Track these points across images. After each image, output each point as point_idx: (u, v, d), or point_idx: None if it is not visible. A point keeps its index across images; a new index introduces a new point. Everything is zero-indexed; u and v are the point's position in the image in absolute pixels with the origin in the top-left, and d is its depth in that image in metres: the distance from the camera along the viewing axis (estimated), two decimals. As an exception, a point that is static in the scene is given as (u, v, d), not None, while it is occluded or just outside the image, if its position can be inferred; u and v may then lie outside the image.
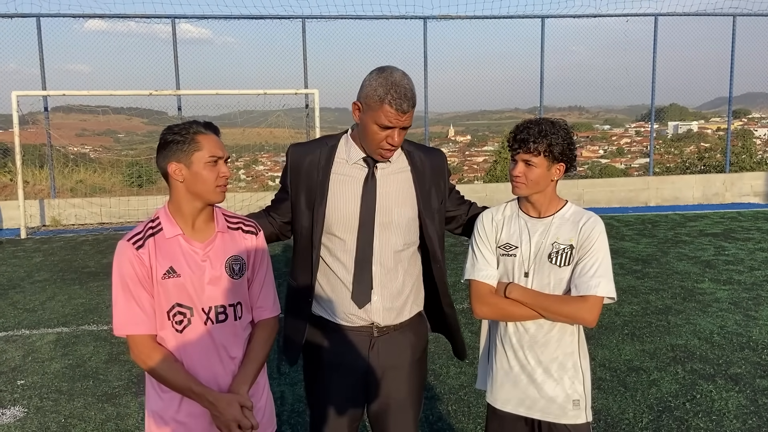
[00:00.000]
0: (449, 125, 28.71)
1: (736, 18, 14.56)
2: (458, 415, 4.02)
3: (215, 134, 2.02)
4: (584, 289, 2.09)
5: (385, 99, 2.06)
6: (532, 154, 2.11)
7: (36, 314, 6.53)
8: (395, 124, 2.10)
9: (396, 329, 2.29)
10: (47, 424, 4.04)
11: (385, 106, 2.07)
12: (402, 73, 2.12)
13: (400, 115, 2.08)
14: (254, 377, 2.06)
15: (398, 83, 2.08)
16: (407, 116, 2.11)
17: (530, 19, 14.41)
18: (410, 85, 2.12)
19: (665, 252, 8.94)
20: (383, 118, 2.08)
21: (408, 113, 2.10)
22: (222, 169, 2.00)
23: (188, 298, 1.97)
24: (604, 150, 26.90)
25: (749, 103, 25.49)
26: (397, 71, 2.12)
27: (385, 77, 2.09)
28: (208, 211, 2.04)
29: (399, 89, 2.07)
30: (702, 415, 3.93)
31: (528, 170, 2.14)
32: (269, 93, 12.57)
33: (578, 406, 2.19)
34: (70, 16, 12.91)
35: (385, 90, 2.06)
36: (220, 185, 2.00)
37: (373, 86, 2.09)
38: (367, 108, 2.12)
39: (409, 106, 2.09)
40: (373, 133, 2.13)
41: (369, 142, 2.17)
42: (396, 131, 2.12)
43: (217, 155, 1.98)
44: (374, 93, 2.08)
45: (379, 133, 2.12)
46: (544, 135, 2.10)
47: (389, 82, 2.07)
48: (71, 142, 15.14)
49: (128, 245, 1.96)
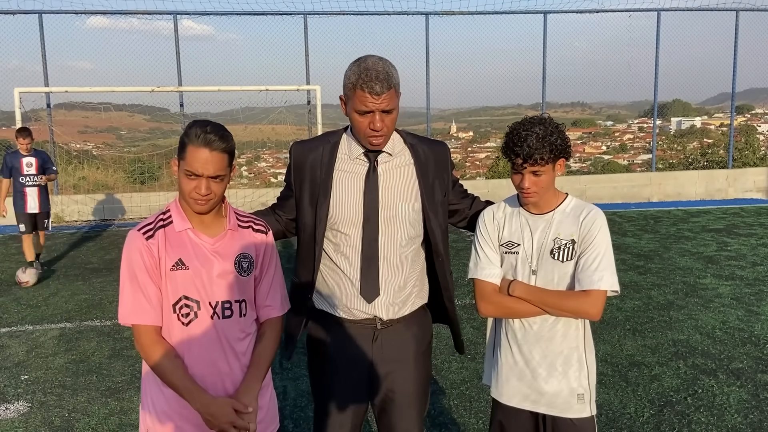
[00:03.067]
0: (451, 121, 28.67)
1: (739, 13, 14.50)
2: (460, 409, 4.03)
3: (209, 149, 1.89)
4: (587, 284, 2.10)
5: (357, 84, 2.07)
6: (540, 165, 2.08)
7: (39, 310, 6.55)
8: (371, 108, 2.09)
9: (399, 322, 2.29)
10: (51, 418, 4.07)
11: (358, 92, 2.07)
12: (377, 59, 2.12)
13: (374, 97, 2.06)
14: (261, 381, 2.07)
15: (369, 67, 2.07)
16: (383, 98, 2.07)
17: (532, 14, 14.38)
18: (384, 67, 2.09)
19: (668, 247, 8.93)
20: (359, 103, 2.09)
21: (383, 95, 2.07)
22: (199, 186, 1.91)
23: (195, 291, 1.98)
24: (607, 146, 26.81)
25: (752, 99, 25.39)
26: (371, 57, 2.12)
27: (358, 64, 2.10)
28: (216, 208, 2.03)
29: (370, 72, 2.06)
30: (703, 410, 3.94)
31: (537, 180, 2.12)
32: (271, 89, 12.58)
33: (583, 400, 2.20)
34: (72, 12, 12.90)
35: (357, 76, 2.07)
36: (195, 198, 1.93)
37: (348, 75, 2.12)
38: (347, 98, 2.14)
39: (383, 87, 2.06)
40: (357, 122, 2.14)
41: (357, 133, 2.18)
42: (376, 115, 2.10)
43: (194, 172, 1.90)
44: (348, 81, 2.11)
45: (361, 120, 2.12)
46: (543, 141, 2.06)
47: (361, 68, 2.08)
48: (74, 139, 15.18)
49: (138, 235, 1.97)
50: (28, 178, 8.05)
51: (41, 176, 8.11)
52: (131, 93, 13.22)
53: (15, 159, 8.02)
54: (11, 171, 8.01)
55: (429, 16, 13.92)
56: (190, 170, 1.90)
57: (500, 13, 14.32)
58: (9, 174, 8.03)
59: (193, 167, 1.90)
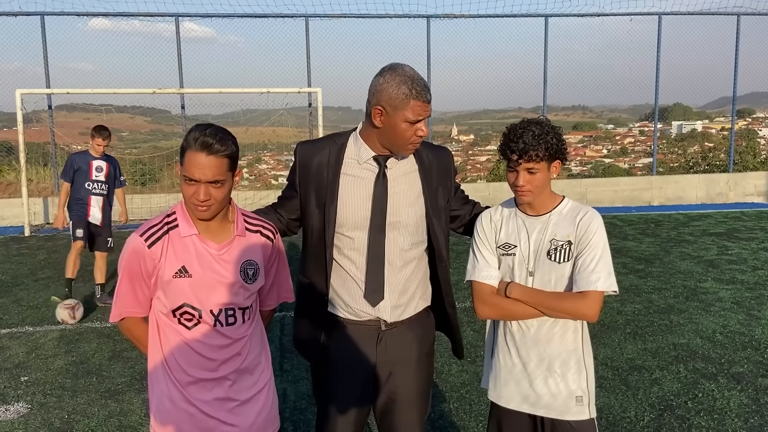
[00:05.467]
0: (452, 124, 28.69)
1: (740, 17, 14.51)
2: (460, 413, 4.03)
3: (207, 153, 1.85)
4: (584, 285, 2.10)
5: (411, 95, 2.11)
6: (534, 162, 2.11)
7: (40, 311, 6.55)
8: (424, 116, 2.17)
9: (403, 324, 2.30)
10: (51, 420, 4.06)
11: (412, 102, 2.12)
12: (410, 67, 2.19)
13: (426, 105, 2.15)
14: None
15: (416, 77, 2.15)
16: (430, 105, 2.19)
17: (533, 18, 14.40)
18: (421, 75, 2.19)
19: (668, 251, 8.93)
20: (412, 113, 2.13)
21: (430, 102, 2.19)
22: (198, 192, 1.88)
23: (197, 300, 1.97)
24: (608, 149, 26.83)
25: (753, 103, 25.41)
26: (406, 66, 2.18)
27: (401, 75, 2.13)
28: (221, 213, 2.00)
29: (420, 81, 2.15)
30: (704, 414, 3.93)
31: (532, 178, 2.13)
32: (272, 92, 12.58)
33: (581, 402, 2.19)
34: (74, 14, 12.94)
35: (409, 87, 2.11)
36: (195, 204, 1.91)
37: (394, 86, 2.12)
38: (394, 109, 2.13)
39: (430, 95, 2.18)
40: (404, 131, 2.16)
41: (399, 140, 2.19)
42: (424, 122, 2.19)
43: (192, 177, 1.87)
44: (398, 92, 2.11)
45: (409, 129, 2.16)
46: (539, 138, 2.09)
47: (408, 77, 2.13)
48: (75, 141, 15.17)
49: (140, 241, 1.95)
50: (96, 186, 6.68)
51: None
52: (132, 95, 13.22)
53: (83, 160, 6.66)
54: (75, 174, 6.65)
55: (430, 19, 13.94)
56: (187, 175, 1.87)
57: (501, 17, 14.34)
58: (72, 177, 6.64)
59: (191, 172, 1.86)
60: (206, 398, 2.02)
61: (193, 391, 2.01)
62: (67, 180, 6.66)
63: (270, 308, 2.28)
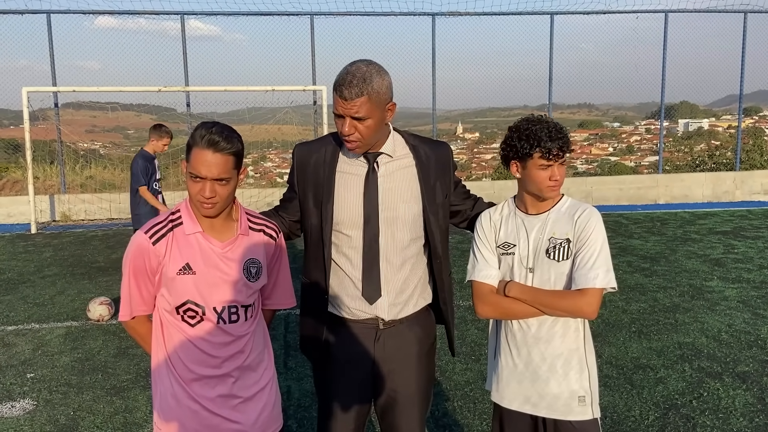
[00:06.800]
0: (457, 122, 28.69)
1: (747, 15, 14.43)
2: (464, 411, 4.03)
3: (213, 151, 1.87)
4: (582, 282, 2.09)
5: (334, 86, 2.07)
6: (568, 155, 2.17)
7: (46, 308, 6.59)
8: (341, 112, 2.07)
9: (401, 322, 2.29)
10: (56, 416, 4.09)
11: (334, 94, 2.08)
12: (364, 63, 2.08)
13: (343, 102, 2.04)
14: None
15: (347, 71, 2.05)
16: (352, 104, 2.03)
17: (539, 15, 14.36)
18: (363, 74, 2.03)
19: (674, 250, 8.90)
20: (334, 105, 2.10)
21: (352, 101, 2.02)
22: (203, 189, 1.89)
23: (201, 297, 1.98)
24: (614, 147, 26.76)
25: (760, 101, 25.25)
26: (359, 61, 2.10)
27: (345, 67, 2.09)
28: (225, 211, 2.02)
29: (346, 76, 2.03)
30: (709, 413, 3.92)
31: (562, 169, 2.18)
32: (277, 90, 12.60)
33: (584, 402, 2.18)
34: (80, 12, 12.99)
35: (336, 79, 2.07)
36: (201, 201, 1.92)
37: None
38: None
39: (352, 93, 2.01)
40: (335, 122, 2.14)
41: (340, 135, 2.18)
42: (346, 120, 2.06)
43: (198, 174, 1.88)
44: (334, 83, 2.11)
45: (337, 122, 2.13)
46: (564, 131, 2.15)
47: (343, 71, 2.07)
48: (81, 139, 15.25)
49: (144, 238, 1.97)
50: (158, 185, 6.77)
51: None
52: (138, 93, 13.27)
53: (152, 164, 6.66)
54: (150, 176, 6.57)
55: (435, 17, 13.92)
56: (193, 172, 1.89)
57: (507, 14, 14.30)
58: (148, 181, 6.54)
59: (197, 169, 1.88)
60: (210, 395, 2.03)
61: (196, 388, 2.02)
62: (146, 184, 6.50)
63: (271, 308, 2.29)
